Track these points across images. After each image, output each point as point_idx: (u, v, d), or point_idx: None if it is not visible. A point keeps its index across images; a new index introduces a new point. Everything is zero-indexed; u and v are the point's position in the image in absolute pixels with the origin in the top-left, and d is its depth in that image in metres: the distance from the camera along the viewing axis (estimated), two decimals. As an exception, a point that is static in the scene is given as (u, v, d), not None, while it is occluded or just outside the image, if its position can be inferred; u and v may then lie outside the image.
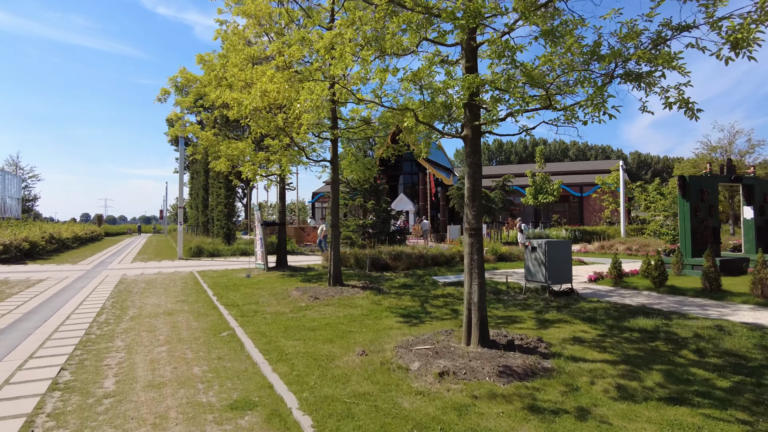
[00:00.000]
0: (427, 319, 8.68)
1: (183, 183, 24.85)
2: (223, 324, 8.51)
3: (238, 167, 15.34)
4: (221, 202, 27.79)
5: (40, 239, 24.00)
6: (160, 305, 10.55)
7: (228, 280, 14.22)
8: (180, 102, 15.12)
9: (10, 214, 43.33)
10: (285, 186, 16.83)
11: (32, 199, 64.67)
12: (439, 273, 15.32)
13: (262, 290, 12.07)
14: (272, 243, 23.99)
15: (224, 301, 10.60)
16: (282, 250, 16.90)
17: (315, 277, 14.56)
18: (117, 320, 8.97)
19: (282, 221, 17.03)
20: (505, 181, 35.89)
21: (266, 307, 9.84)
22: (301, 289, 11.47)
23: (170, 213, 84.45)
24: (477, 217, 6.18)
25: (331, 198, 11.69)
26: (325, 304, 10.01)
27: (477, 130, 6.17)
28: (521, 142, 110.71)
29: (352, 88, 7.38)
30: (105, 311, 9.88)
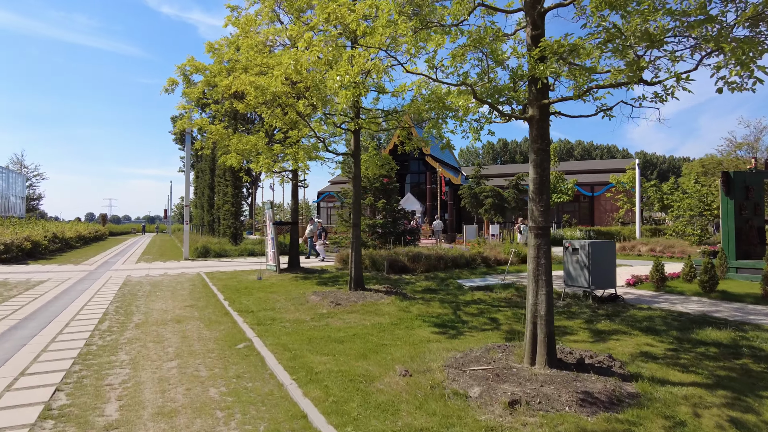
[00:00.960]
0: (465, 330, 7.77)
1: (189, 179, 24.02)
2: (238, 334, 7.62)
3: (249, 163, 14.47)
4: (228, 200, 26.95)
5: (43, 239, 23.20)
6: (167, 311, 9.67)
7: (239, 283, 13.34)
8: (188, 93, 14.24)
9: (14, 213, 42.65)
10: (298, 183, 15.95)
11: (37, 198, 64.03)
12: (462, 276, 14.40)
13: (276, 294, 11.18)
14: (281, 243, 23.05)
15: (237, 307, 9.71)
16: (294, 250, 16.02)
17: (331, 280, 13.66)
18: (121, 328, 8.10)
19: (294, 220, 16.15)
20: (518, 180, 34.96)
21: (284, 314, 8.94)
22: (320, 294, 10.57)
23: (174, 212, 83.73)
24: (545, 214, 5.26)
25: (353, 195, 10.80)
26: (348, 311, 9.11)
27: (545, 109, 5.25)
28: (526, 141, 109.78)
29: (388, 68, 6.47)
30: (108, 317, 9.00)
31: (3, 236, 20.34)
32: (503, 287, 11.87)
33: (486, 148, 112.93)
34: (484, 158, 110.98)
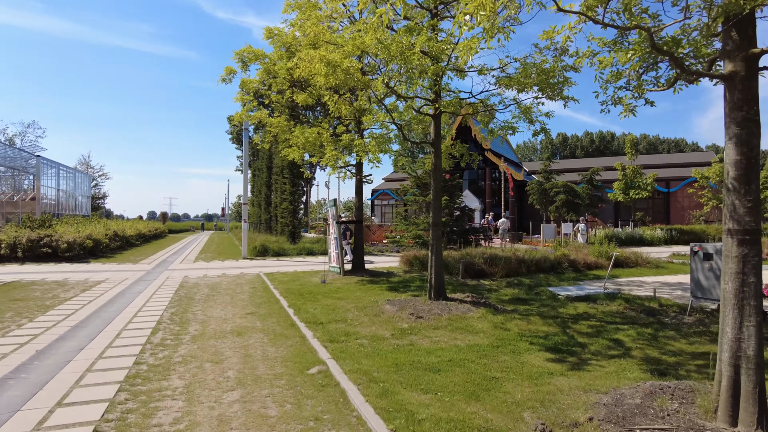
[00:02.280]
0: (588, 356, 6.18)
1: (247, 177, 23.41)
2: (308, 353, 6.38)
3: (310, 157, 13.36)
4: (286, 198, 26.24)
5: (104, 237, 23.26)
6: (226, 319, 8.63)
7: (301, 286, 12.24)
8: (246, 82, 13.31)
9: (80, 212, 44.27)
10: (362, 178, 14.71)
11: (102, 197, 66.89)
12: (551, 283, 12.65)
13: (345, 302, 9.94)
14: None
15: (303, 317, 8.53)
16: (359, 251, 14.79)
17: (402, 285, 12.29)
18: (175, 341, 7.07)
19: (359, 219, 14.94)
20: (593, 175, 32.33)
21: (358, 328, 7.64)
22: (395, 303, 9.22)
23: (231, 211, 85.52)
24: (753, 212, 3.64)
25: (432, 189, 9.38)
26: (432, 326, 7.69)
27: (753, 63, 3.62)
28: (587, 135, 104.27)
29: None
30: (162, 326, 8.04)
31: (67, 234, 20.38)
32: (608, 298, 10.09)
33: (544, 143, 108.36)
34: (541, 154, 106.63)
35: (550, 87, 8.38)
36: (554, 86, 8.62)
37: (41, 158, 37.74)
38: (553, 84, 8.56)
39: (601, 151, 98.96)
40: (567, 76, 9.09)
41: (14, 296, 10.89)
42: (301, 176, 28.84)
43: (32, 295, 11.06)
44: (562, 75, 8.89)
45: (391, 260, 19.84)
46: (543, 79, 8.63)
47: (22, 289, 11.90)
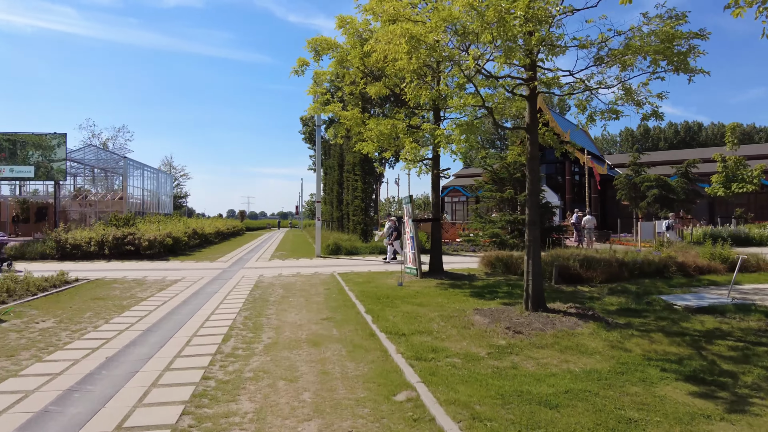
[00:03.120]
0: (746, 391, 4.84)
1: (320, 175, 23.13)
2: (393, 373, 5.50)
3: (384, 151, 12.56)
4: (357, 196, 25.77)
5: (183, 235, 23.90)
6: (301, 325, 7.98)
7: (377, 289, 11.46)
8: (319, 74, 12.75)
9: (163, 210, 46.63)
10: (439, 173, 13.70)
11: (183, 196, 70.49)
12: (662, 290, 10.99)
13: (427, 309, 9.00)
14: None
15: (383, 325, 7.68)
16: (437, 251, 13.80)
17: (487, 290, 11.16)
18: (246, 352, 6.46)
19: (437, 216, 13.94)
20: (688, 167, 29.17)
21: (446, 342, 6.68)
22: (486, 313, 8.15)
23: (305, 209, 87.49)
24: None
25: (529, 182, 8.21)
26: (535, 344, 6.56)
27: None
28: (671, 126, 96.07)
29: None
30: (234, 332, 7.52)
31: (148, 233, 21.04)
32: (740, 310, 8.43)
33: (624, 135, 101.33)
34: (621, 146, 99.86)
35: (676, 56, 6.96)
36: (679, 56, 7.19)
37: (128, 160, 40.02)
38: (678, 54, 7.13)
39: (686, 142, 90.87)
40: (693, 44, 7.63)
41: (96, 295, 10.96)
42: (372, 173, 28.28)
43: (112, 294, 11.10)
44: (687, 42, 7.45)
45: (468, 261, 18.67)
46: (664, 47, 7.24)
47: (104, 288, 12.04)
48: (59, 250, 19.72)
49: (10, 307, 8.97)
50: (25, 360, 6.00)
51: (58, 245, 19.76)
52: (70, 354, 6.26)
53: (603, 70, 8.65)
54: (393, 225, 19.03)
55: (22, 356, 6.15)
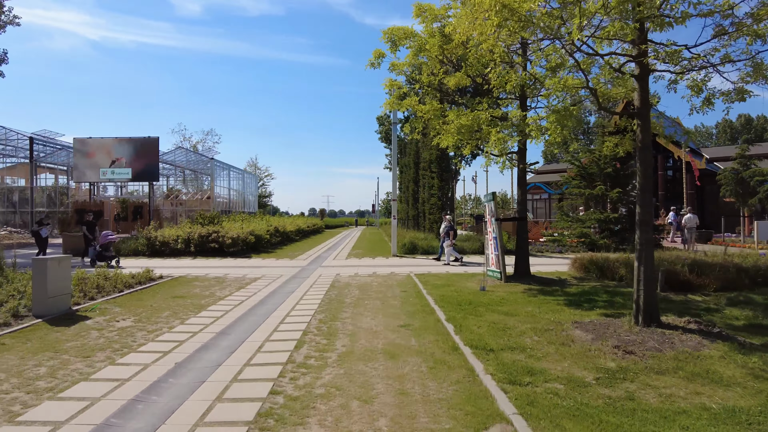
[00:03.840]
0: None
1: (396, 171, 22.60)
2: (482, 398, 4.71)
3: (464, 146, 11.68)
4: (434, 194, 24.96)
5: (265, 233, 24.37)
6: (377, 332, 7.38)
7: (457, 293, 10.64)
8: (396, 65, 12.12)
9: (248, 209, 48.63)
10: (525, 167, 12.58)
11: (267, 195, 73.44)
12: (802, 302, 9.23)
13: (516, 319, 8.06)
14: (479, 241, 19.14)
15: (467, 337, 6.88)
16: (523, 253, 12.69)
17: (584, 299, 9.96)
18: (319, 361, 5.95)
19: (523, 215, 12.82)
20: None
21: (543, 362, 5.75)
22: (587, 328, 7.09)
23: (381, 207, 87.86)
24: None
25: (639, 175, 7.04)
26: (653, 368, 5.46)
27: None
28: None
29: None
30: (307, 338, 7.07)
31: (231, 231, 21.58)
32: None
33: (722, 126, 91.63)
34: (718, 138, 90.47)
35: None
36: None
37: (215, 161, 41.96)
38: None
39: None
40: None
41: (177, 293, 11.10)
42: (449, 170, 27.34)
43: (192, 292, 11.19)
44: None
45: (555, 263, 17.28)
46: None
47: (186, 286, 12.23)
48: (149, 247, 20.74)
49: (96, 304, 9.19)
50: (99, 362, 5.88)
51: (149, 242, 20.80)
52: (142, 357, 6.09)
53: (727, 43, 7.29)
54: (449, 224, 18.13)
55: (97, 357, 6.05)
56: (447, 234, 17.76)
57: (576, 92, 8.06)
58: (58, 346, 6.52)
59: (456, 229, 18.35)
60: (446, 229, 17.96)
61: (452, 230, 17.70)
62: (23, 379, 5.25)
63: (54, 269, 8.11)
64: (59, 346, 6.55)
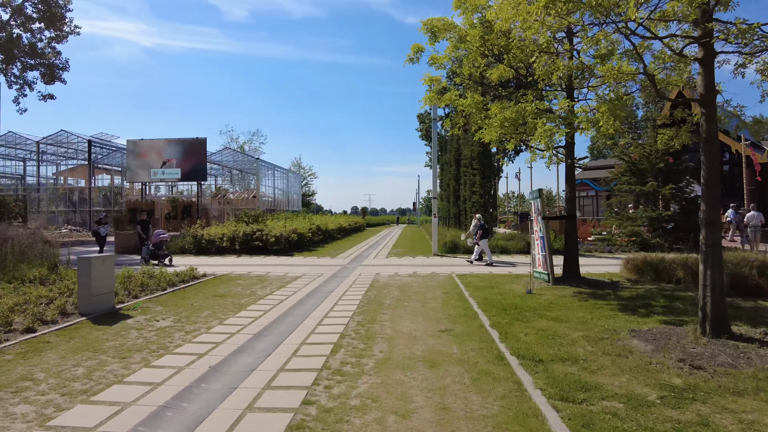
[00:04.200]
0: None
1: (436, 168, 22.13)
2: (531, 416, 4.29)
3: (507, 141, 11.15)
4: (476, 191, 24.32)
5: (307, 231, 24.47)
6: (416, 338, 7.05)
7: (501, 296, 10.15)
8: (436, 59, 11.69)
9: (292, 208, 49.32)
10: (574, 162, 11.90)
11: (311, 194, 74.39)
12: None
13: (566, 325, 7.53)
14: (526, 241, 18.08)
15: (513, 345, 6.44)
16: (572, 254, 12.02)
17: (640, 303, 9.26)
18: (355, 368, 5.68)
19: (572, 213, 12.14)
20: None
21: (599, 376, 5.25)
22: (647, 337, 6.49)
23: (422, 205, 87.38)
24: None
25: (704, 170, 6.37)
26: (728, 388, 4.85)
27: None
28: None
29: None
30: (344, 342, 6.82)
31: (275, 229, 21.76)
32: None
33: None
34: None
35: None
36: None
37: (260, 161, 42.69)
38: None
39: None
40: None
41: (218, 291, 11.14)
42: (491, 167, 26.58)
43: (233, 291, 11.20)
44: None
45: (605, 263, 16.42)
46: None
47: (228, 284, 12.28)
48: (196, 245, 21.19)
49: (139, 302, 9.30)
50: (134, 363, 5.84)
51: (195, 240, 21.25)
52: (177, 360, 6.00)
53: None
54: (478, 223, 17.58)
55: (133, 359, 6.01)
56: (475, 233, 17.35)
57: (631, 79, 7.42)
58: (98, 346, 6.55)
59: (486, 228, 17.85)
60: (475, 228, 17.54)
61: (482, 229, 17.20)
62: (60, 380, 5.25)
63: (98, 268, 8.23)
64: (99, 345, 6.58)
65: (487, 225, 18.68)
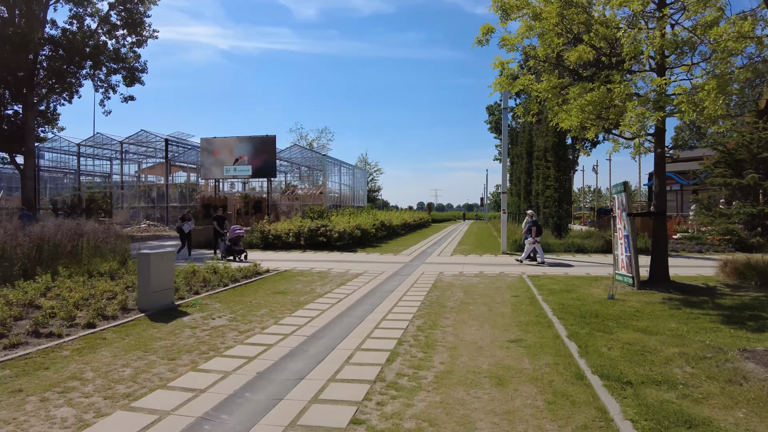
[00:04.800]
0: None
1: (506, 161, 21.06)
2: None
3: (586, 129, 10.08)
4: (550, 185, 22.86)
5: (371, 227, 24.19)
6: (482, 347, 6.36)
7: (579, 301, 9.16)
8: (507, 41, 10.77)
9: (358, 203, 49.49)
10: (664, 151, 10.56)
11: (376, 190, 74.68)
12: None
13: (657, 339, 6.52)
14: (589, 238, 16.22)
15: (595, 362, 5.59)
16: (661, 255, 10.71)
17: (748, 313, 7.96)
18: (412, 382, 5.10)
19: (661, 209, 10.78)
20: None
21: (705, 407, 4.32)
22: (763, 359, 5.40)
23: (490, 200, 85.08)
24: None
25: None
26: None
27: None
28: None
29: None
30: (402, 350, 6.26)
31: (339, 225, 21.63)
32: None
33: None
34: None
35: None
36: None
37: (327, 157, 43.15)
38: None
39: None
40: None
41: (278, 288, 10.97)
42: (566, 159, 24.92)
43: (293, 288, 10.99)
44: None
45: (695, 265, 14.79)
46: None
47: (289, 281, 12.12)
48: (263, 240, 21.51)
49: (198, 299, 9.26)
50: (182, 366, 5.61)
51: (262, 236, 21.58)
52: (225, 364, 5.71)
53: None
54: (530, 220, 16.29)
55: (182, 361, 5.80)
56: (529, 230, 16.15)
57: (757, 42, 6.23)
58: (150, 345, 6.43)
59: (540, 226, 16.71)
60: (528, 225, 16.36)
61: (534, 226, 16.00)
62: (107, 381, 5.09)
63: (156, 264, 8.23)
64: (150, 344, 6.46)
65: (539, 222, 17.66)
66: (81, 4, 26.38)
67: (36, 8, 25.43)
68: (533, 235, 15.83)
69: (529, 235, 15.97)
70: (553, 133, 22.03)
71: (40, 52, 25.92)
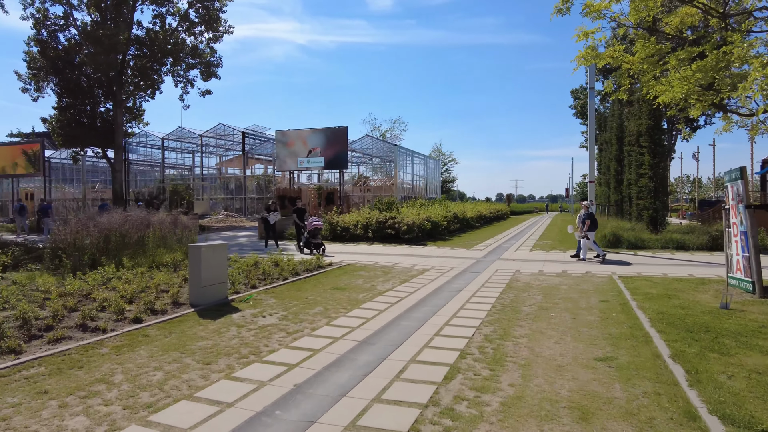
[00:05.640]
0: None
1: (593, 148, 19.17)
2: None
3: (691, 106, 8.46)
4: (644, 173, 20.54)
5: (442, 219, 23.17)
6: (561, 366, 5.28)
7: (684, 310, 7.68)
8: (591, 7, 9.33)
9: (431, 195, 48.46)
10: (796, 132, 8.65)
11: (451, 181, 73.01)
12: None
13: (797, 366, 5.09)
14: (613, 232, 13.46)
15: (710, 395, 4.36)
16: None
17: None
18: (471, 411, 4.19)
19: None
20: None
21: None
22: None
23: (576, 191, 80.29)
24: None
25: None
26: None
27: None
28: None
29: None
30: (464, 365, 5.35)
31: (408, 217, 20.84)
32: None
33: None
34: None
35: None
36: None
37: (399, 148, 42.46)
38: None
39: None
40: None
41: (338, 284, 10.39)
42: (662, 145, 22.31)
43: (353, 284, 10.37)
44: None
45: None
46: None
47: (350, 275, 11.53)
48: (331, 232, 21.23)
49: (252, 294, 8.87)
50: (216, 372, 5.09)
51: (331, 227, 21.30)
52: (262, 372, 5.12)
53: None
54: (585, 213, 14.31)
55: (218, 366, 5.28)
56: (583, 223, 14.31)
57: None
58: (189, 345, 6.01)
59: (596, 220, 14.82)
60: (582, 217, 14.52)
61: (589, 219, 14.15)
62: (133, 387, 4.67)
63: (208, 257, 7.89)
64: (190, 344, 6.04)
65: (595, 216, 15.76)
66: (163, 3, 27.61)
67: (125, 10, 26.90)
68: (584, 229, 14.22)
69: (582, 228, 14.43)
70: (648, 115, 19.71)
71: (128, 52, 27.50)
